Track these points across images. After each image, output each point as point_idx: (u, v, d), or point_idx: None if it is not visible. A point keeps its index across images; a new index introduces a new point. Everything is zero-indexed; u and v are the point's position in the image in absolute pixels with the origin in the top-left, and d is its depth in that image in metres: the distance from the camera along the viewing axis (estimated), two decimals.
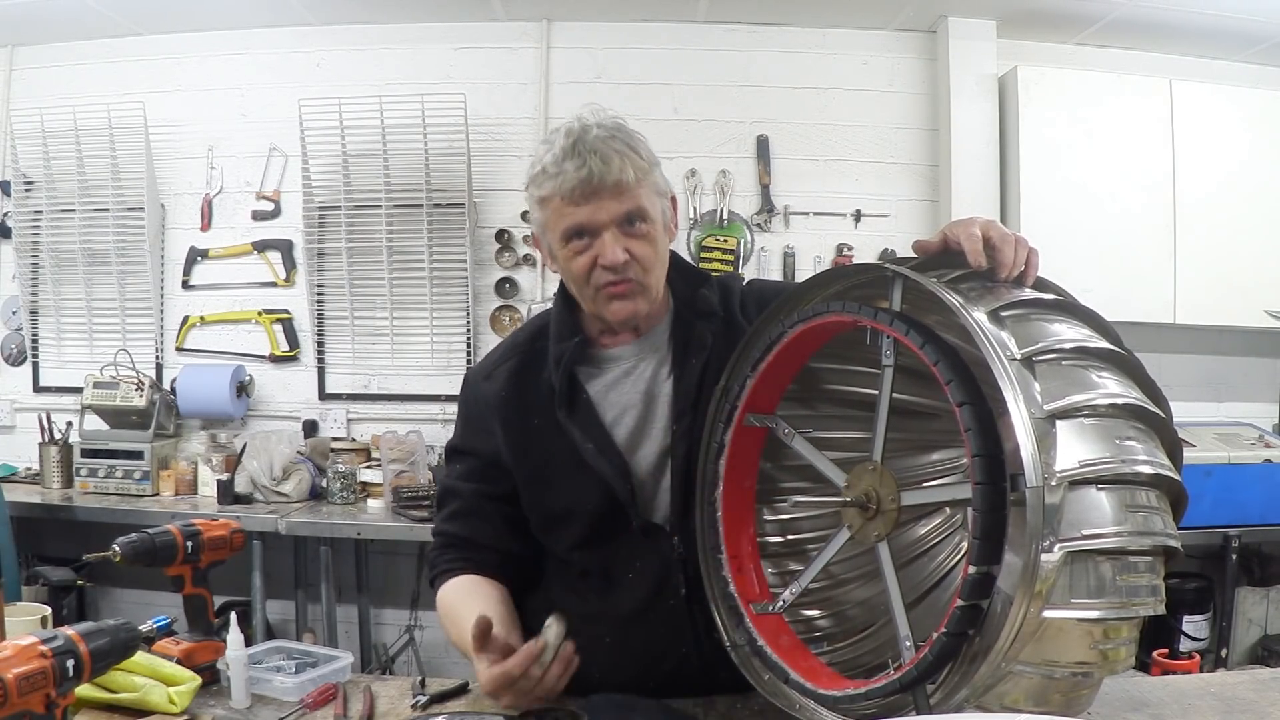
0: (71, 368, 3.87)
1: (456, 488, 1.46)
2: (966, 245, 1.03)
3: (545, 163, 1.27)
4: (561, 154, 1.26)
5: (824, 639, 1.29)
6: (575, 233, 1.28)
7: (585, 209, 1.26)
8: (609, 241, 1.27)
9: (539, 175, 1.29)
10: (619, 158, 1.26)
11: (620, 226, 1.28)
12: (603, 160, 1.24)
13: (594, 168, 1.24)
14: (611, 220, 1.27)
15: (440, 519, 1.49)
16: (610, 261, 1.27)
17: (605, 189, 1.25)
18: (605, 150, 1.25)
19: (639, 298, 1.32)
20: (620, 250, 1.27)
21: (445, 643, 3.80)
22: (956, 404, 0.93)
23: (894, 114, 3.88)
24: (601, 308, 1.34)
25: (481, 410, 1.43)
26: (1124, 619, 0.89)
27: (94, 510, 3.32)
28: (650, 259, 1.31)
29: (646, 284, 1.32)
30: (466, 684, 1.39)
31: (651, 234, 1.31)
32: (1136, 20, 3.60)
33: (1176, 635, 3.31)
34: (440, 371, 3.84)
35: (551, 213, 1.29)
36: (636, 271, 1.30)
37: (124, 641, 1.08)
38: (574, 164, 1.24)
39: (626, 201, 1.27)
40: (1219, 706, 1.27)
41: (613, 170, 1.25)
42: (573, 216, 1.27)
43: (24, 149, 3.85)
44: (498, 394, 1.41)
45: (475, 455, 1.44)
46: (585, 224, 1.27)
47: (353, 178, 3.80)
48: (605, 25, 3.87)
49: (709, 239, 3.81)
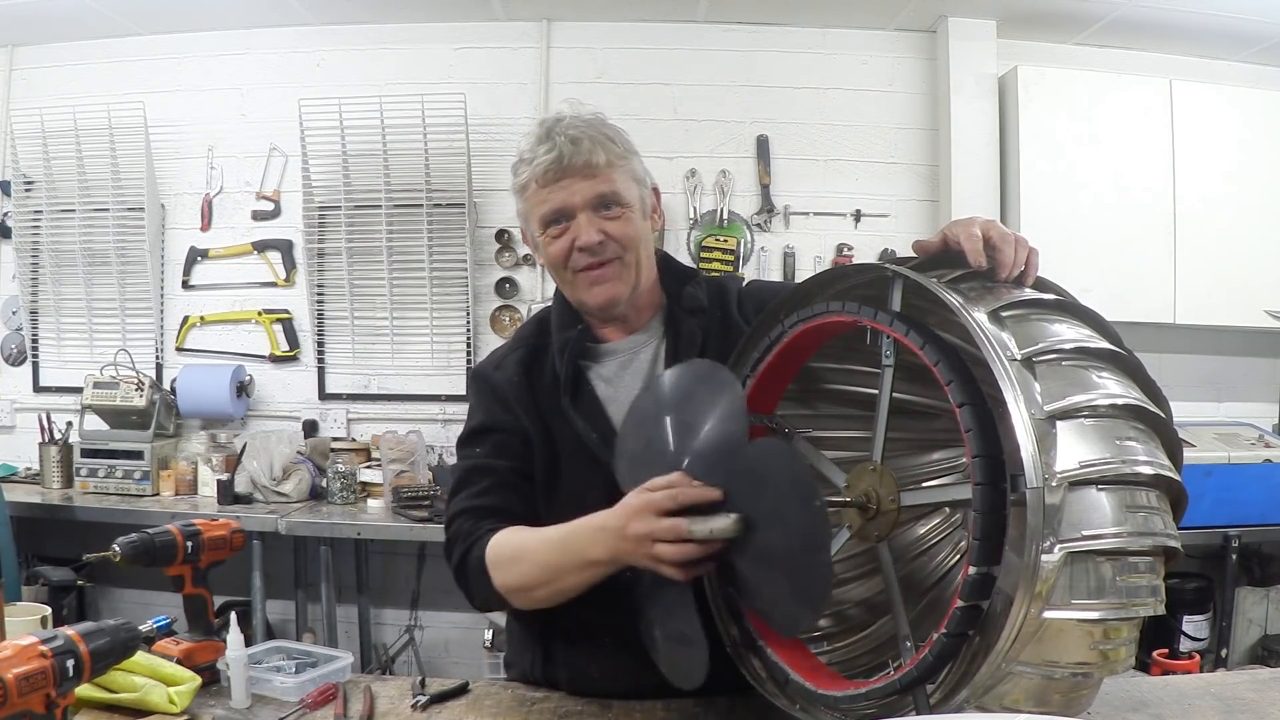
0: (71, 368, 3.87)
1: (487, 465, 1.38)
2: (966, 245, 1.04)
3: (521, 150, 1.33)
4: (535, 141, 1.31)
5: (824, 639, 1.29)
6: (552, 218, 1.32)
7: (558, 192, 1.30)
8: (583, 222, 1.30)
9: (517, 164, 1.35)
10: (589, 141, 1.30)
11: (595, 210, 1.31)
12: (572, 142, 1.29)
13: (563, 150, 1.28)
14: (585, 203, 1.31)
15: (468, 495, 1.36)
16: (585, 242, 1.29)
17: (575, 170, 1.29)
18: (575, 134, 1.30)
19: (619, 280, 1.34)
20: (594, 231, 1.30)
21: (445, 642, 3.81)
22: (957, 404, 0.93)
23: (894, 114, 3.88)
24: (582, 293, 1.35)
25: (501, 394, 1.41)
26: (1124, 619, 0.89)
27: (94, 510, 3.31)
28: (628, 238, 1.33)
29: (626, 263, 1.33)
30: (466, 684, 1.39)
31: (628, 217, 1.33)
32: (1136, 20, 3.60)
33: (1176, 635, 3.30)
34: (440, 371, 3.84)
35: (530, 200, 1.34)
36: (614, 249, 1.32)
37: (124, 641, 1.08)
38: (545, 147, 1.29)
39: (599, 184, 1.30)
40: (1219, 706, 1.27)
41: (581, 151, 1.29)
42: (548, 200, 1.31)
43: (24, 149, 3.85)
44: (509, 380, 1.41)
45: (504, 431, 1.39)
46: (560, 207, 1.31)
47: (353, 178, 3.80)
48: (605, 25, 3.87)
49: (709, 239, 3.81)
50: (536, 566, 1.25)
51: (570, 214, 1.31)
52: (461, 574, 1.32)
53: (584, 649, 1.38)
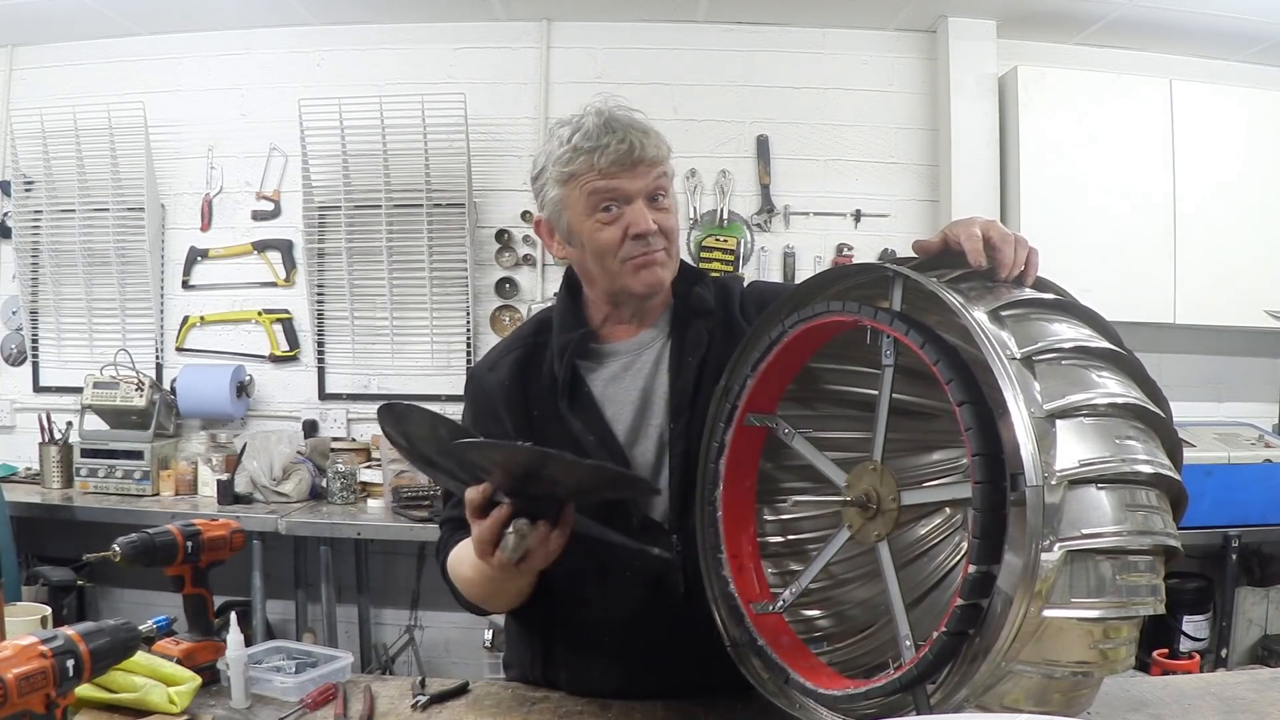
0: (71, 368, 3.87)
1: None
2: (966, 245, 1.04)
3: (575, 141, 1.30)
4: (596, 130, 1.30)
5: (824, 639, 1.29)
6: (605, 204, 1.31)
7: (623, 179, 1.30)
8: (640, 209, 1.31)
9: (568, 154, 1.31)
10: (653, 134, 1.34)
11: (646, 200, 1.32)
12: (643, 133, 1.31)
13: (635, 141, 1.30)
14: (643, 191, 1.32)
15: (450, 505, 1.43)
16: (643, 229, 1.30)
17: (644, 161, 1.31)
18: (640, 126, 1.33)
19: (664, 267, 1.36)
20: (650, 219, 1.31)
21: (445, 642, 3.82)
22: (956, 403, 0.93)
23: (894, 114, 3.88)
24: (628, 279, 1.34)
25: (490, 400, 1.42)
26: (1124, 618, 0.89)
27: (94, 510, 3.32)
28: (673, 229, 1.36)
29: (670, 254, 1.37)
30: (466, 684, 1.39)
31: (672, 209, 1.36)
32: (1136, 20, 3.60)
33: (1176, 635, 3.31)
34: (440, 371, 3.84)
35: (578, 188, 1.32)
36: (661, 241, 1.34)
37: (124, 641, 1.08)
38: (614, 138, 1.29)
39: (660, 176, 1.33)
40: (1219, 706, 1.27)
41: (650, 145, 1.31)
42: (607, 184, 1.30)
43: (24, 149, 3.85)
44: (501, 383, 1.41)
45: None
46: (620, 191, 1.31)
47: (353, 178, 3.80)
48: (605, 25, 3.87)
49: (709, 239, 3.81)
50: (466, 581, 1.34)
51: (626, 199, 1.31)
52: (445, 580, 1.41)
53: (584, 649, 1.38)
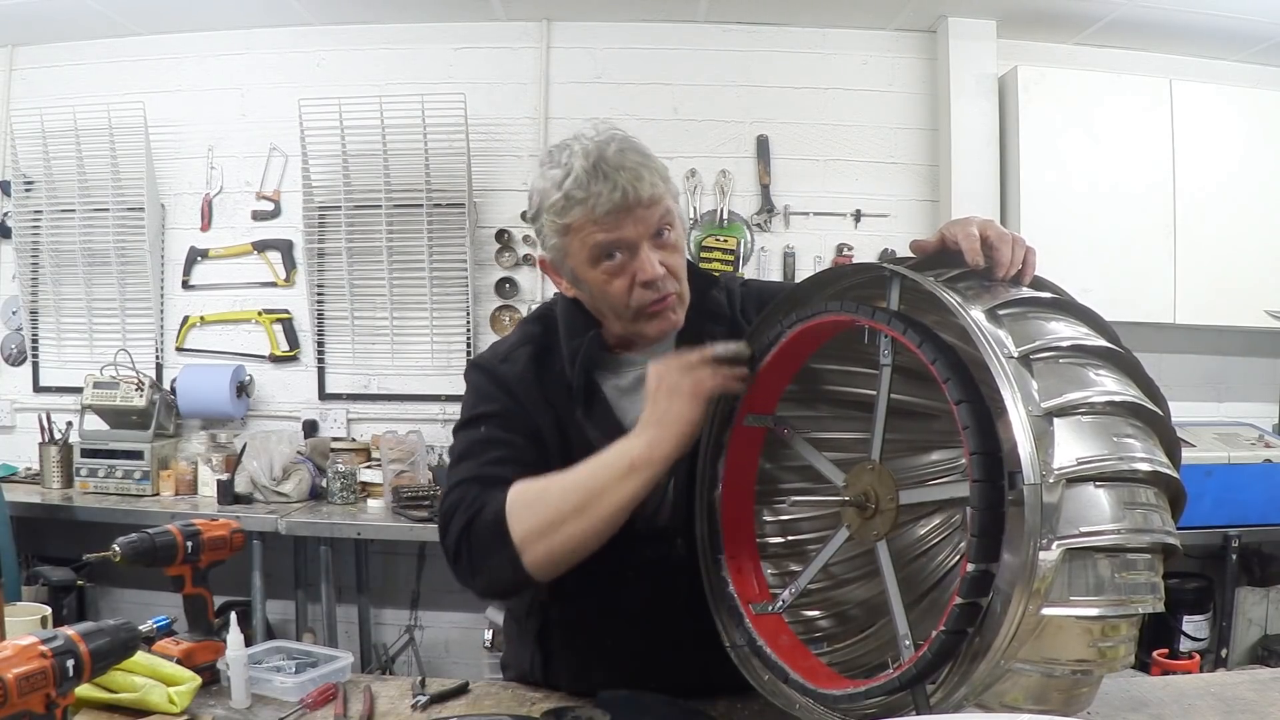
0: (71, 368, 3.87)
1: (498, 437, 1.31)
2: (964, 244, 1.04)
3: (567, 188, 1.22)
4: (586, 177, 1.21)
5: (824, 639, 1.29)
6: (608, 252, 1.25)
7: (624, 227, 1.23)
8: (646, 256, 1.24)
9: (560, 202, 1.23)
10: (646, 171, 1.24)
11: (651, 239, 1.26)
12: (635, 177, 1.22)
13: (627, 187, 1.21)
14: (646, 234, 1.25)
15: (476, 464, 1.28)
16: (650, 276, 1.24)
17: (641, 204, 1.23)
18: (632, 166, 1.22)
19: (677, 310, 1.31)
20: (657, 263, 1.25)
21: (445, 642, 3.82)
22: (954, 402, 0.93)
23: (894, 114, 3.88)
24: (643, 326, 1.31)
25: (508, 385, 1.36)
26: (1123, 616, 0.89)
27: (94, 510, 3.32)
28: (680, 268, 1.30)
29: (682, 294, 1.31)
30: (466, 684, 1.39)
31: (678, 242, 1.30)
32: (1136, 20, 3.59)
33: (1176, 635, 3.30)
34: (440, 371, 3.84)
35: (576, 238, 1.25)
36: (672, 284, 1.28)
37: (124, 641, 1.08)
38: (605, 186, 1.21)
39: (658, 212, 1.25)
40: (1219, 706, 1.27)
41: (644, 186, 1.23)
42: (608, 236, 1.23)
43: (24, 149, 3.85)
44: (519, 375, 1.36)
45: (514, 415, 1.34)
46: (622, 240, 1.24)
47: (353, 178, 3.80)
48: (605, 25, 3.87)
49: (709, 239, 3.81)
50: (569, 490, 1.18)
51: (630, 247, 1.24)
52: (464, 544, 1.22)
53: (584, 650, 1.38)
